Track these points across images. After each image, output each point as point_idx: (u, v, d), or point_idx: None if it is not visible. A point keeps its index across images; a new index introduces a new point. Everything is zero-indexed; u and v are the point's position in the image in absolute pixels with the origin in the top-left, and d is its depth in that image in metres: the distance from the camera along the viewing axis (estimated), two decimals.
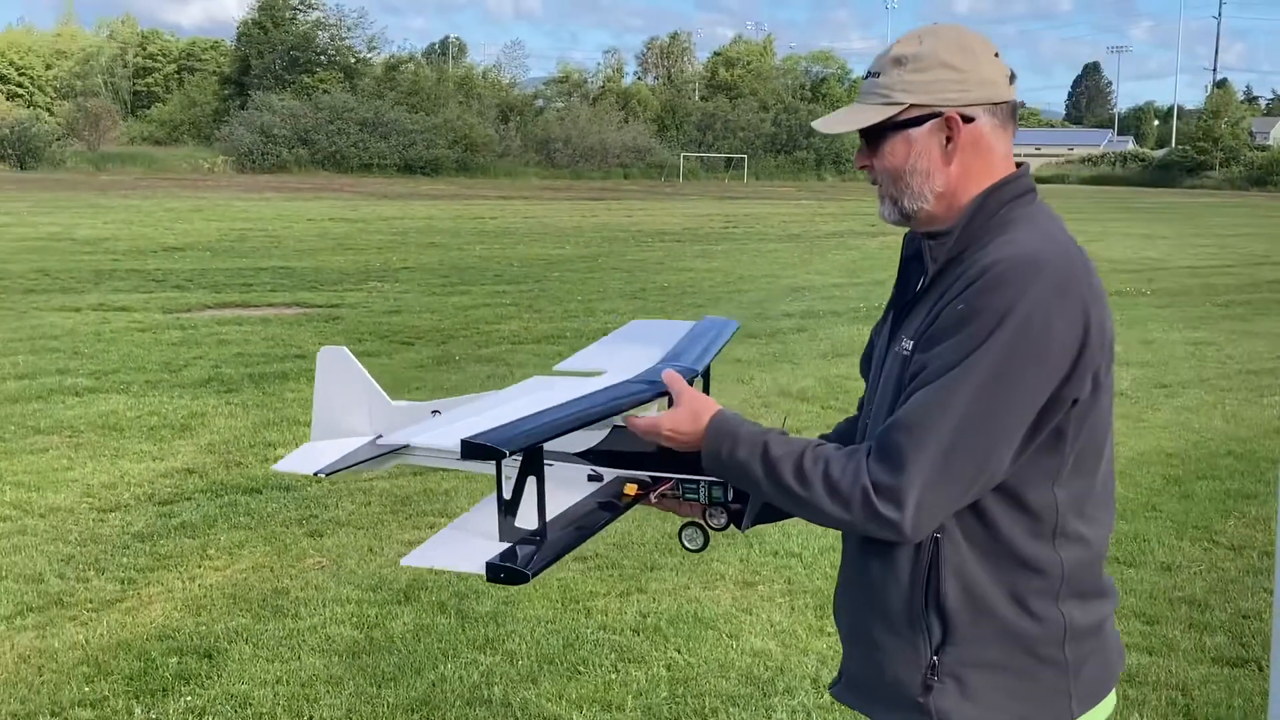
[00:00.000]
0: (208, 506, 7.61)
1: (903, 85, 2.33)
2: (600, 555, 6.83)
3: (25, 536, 7.00)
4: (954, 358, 2.18)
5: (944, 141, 2.34)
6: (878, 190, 2.43)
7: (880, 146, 2.38)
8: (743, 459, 2.34)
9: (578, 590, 6.33)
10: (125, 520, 7.35)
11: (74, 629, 5.74)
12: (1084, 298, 2.22)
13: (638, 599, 6.22)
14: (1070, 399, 2.21)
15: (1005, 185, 2.36)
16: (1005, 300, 2.16)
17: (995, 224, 2.32)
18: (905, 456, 2.17)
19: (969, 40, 2.37)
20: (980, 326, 2.16)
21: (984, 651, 2.30)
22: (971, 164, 2.35)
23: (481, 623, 5.89)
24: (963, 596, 2.28)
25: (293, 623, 5.86)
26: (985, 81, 2.35)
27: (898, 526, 2.18)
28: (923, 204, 2.37)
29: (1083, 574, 2.34)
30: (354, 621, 5.88)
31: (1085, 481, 2.32)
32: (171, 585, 6.32)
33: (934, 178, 2.35)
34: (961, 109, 2.33)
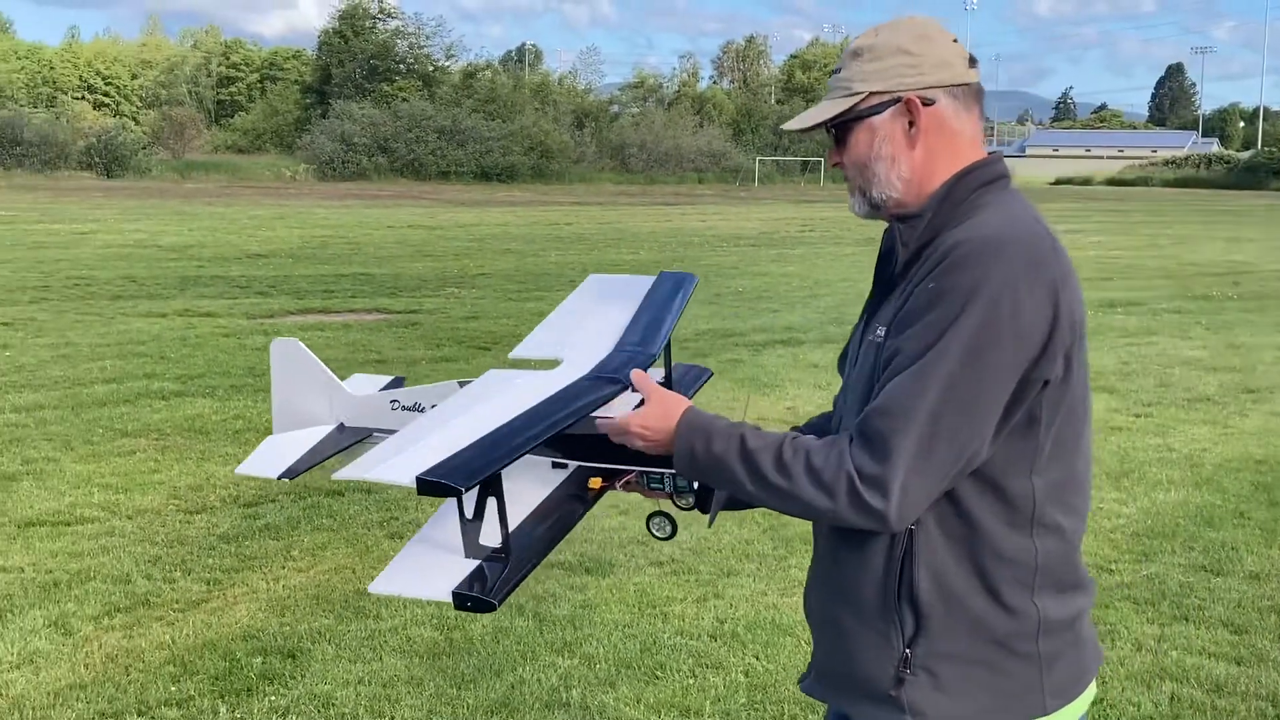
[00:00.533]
0: (291, 509, 7.71)
1: (861, 75, 2.37)
2: (676, 560, 6.83)
3: (113, 538, 7.13)
4: (927, 340, 2.17)
5: (907, 126, 2.36)
6: (848, 185, 2.46)
7: (846, 139, 2.41)
8: (719, 453, 2.32)
9: (655, 595, 6.34)
10: (211, 522, 7.46)
11: (160, 629, 5.84)
12: (1053, 278, 2.20)
13: (715, 604, 6.21)
14: (1042, 379, 2.20)
15: (975, 170, 2.37)
16: (972, 279, 2.16)
17: (965, 208, 2.32)
18: (889, 443, 2.15)
19: (925, 28, 2.39)
20: (949, 307, 2.16)
21: (956, 644, 2.28)
22: (936, 148, 2.37)
23: (559, 626, 5.92)
24: (935, 588, 2.26)
25: (374, 624, 5.92)
26: (941, 63, 2.36)
27: (883, 515, 2.16)
28: (890, 192, 2.39)
29: (1058, 565, 2.32)
30: (434, 623, 5.93)
31: (1063, 468, 2.30)
32: (256, 586, 6.41)
33: (899, 163, 2.37)
34: (919, 92, 2.35)
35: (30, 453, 8.94)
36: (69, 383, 11.52)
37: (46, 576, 6.47)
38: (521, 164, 76.42)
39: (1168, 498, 8.29)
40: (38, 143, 67.26)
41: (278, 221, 35.54)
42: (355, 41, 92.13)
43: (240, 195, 52.30)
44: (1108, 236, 35.94)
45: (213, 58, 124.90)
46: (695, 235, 34.00)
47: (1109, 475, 8.81)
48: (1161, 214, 50.98)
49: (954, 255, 2.20)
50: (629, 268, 23.94)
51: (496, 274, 22.49)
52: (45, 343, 13.73)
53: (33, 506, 7.69)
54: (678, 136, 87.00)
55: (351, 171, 72.50)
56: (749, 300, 18.95)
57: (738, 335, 15.18)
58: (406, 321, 16.30)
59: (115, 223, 33.51)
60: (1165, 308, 18.78)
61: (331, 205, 45.98)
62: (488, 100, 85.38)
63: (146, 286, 19.30)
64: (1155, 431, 10.28)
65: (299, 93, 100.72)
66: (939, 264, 2.22)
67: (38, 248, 25.38)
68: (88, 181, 62.73)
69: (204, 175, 70.75)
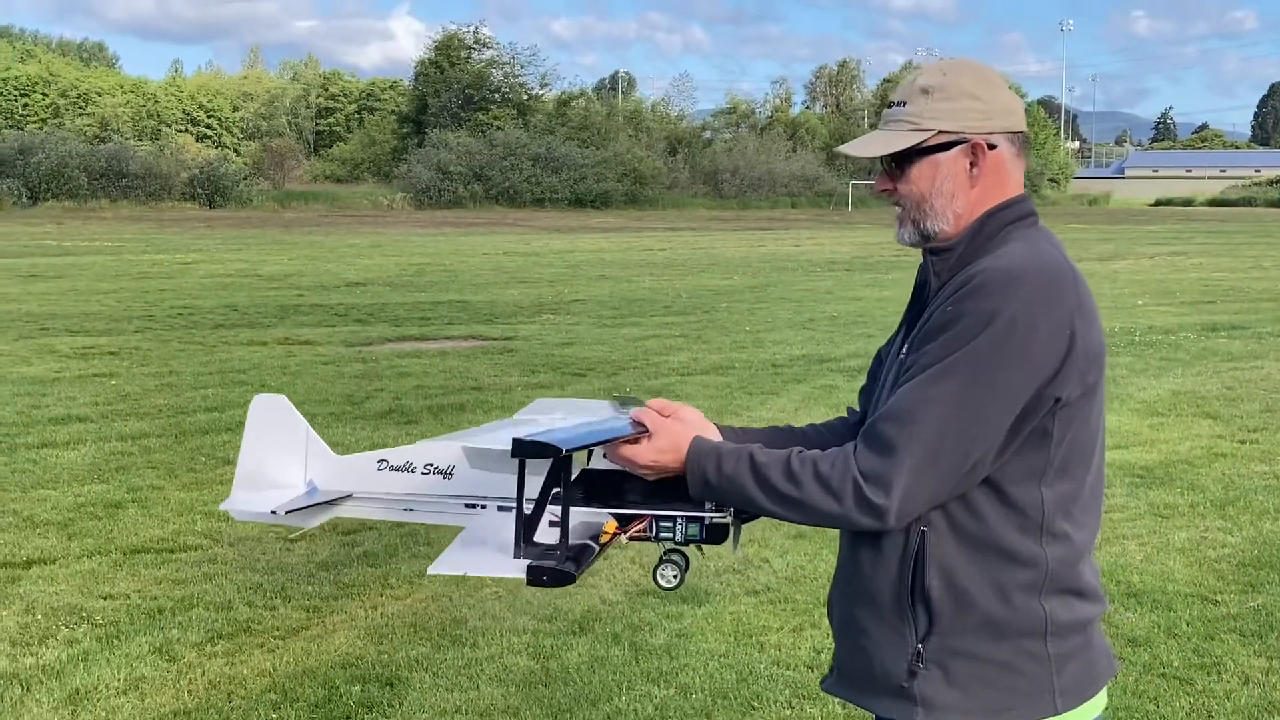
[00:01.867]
0: (389, 536, 7.79)
1: (931, 113, 2.47)
2: (772, 589, 6.80)
3: (215, 565, 7.26)
4: (940, 354, 2.31)
5: (969, 166, 2.49)
6: (898, 213, 2.57)
7: (907, 171, 2.51)
8: (730, 472, 2.44)
9: (750, 624, 6.31)
10: (310, 549, 7.56)
11: (261, 656, 5.92)
12: (1069, 307, 2.34)
13: (811, 634, 6.17)
14: (1053, 398, 2.32)
15: (1006, 208, 2.50)
16: (990, 305, 2.30)
17: (994, 243, 2.45)
18: (893, 444, 2.29)
19: (987, 73, 2.54)
20: (966, 327, 2.30)
21: (967, 641, 2.39)
22: (990, 189, 2.50)
23: (655, 655, 5.91)
24: (946, 587, 2.38)
25: (471, 652, 5.95)
26: (1006, 111, 2.51)
27: (883, 511, 2.30)
28: (943, 225, 2.50)
29: (1066, 572, 2.43)
30: (530, 652, 5.95)
31: (1073, 484, 2.42)
32: (354, 614, 6.48)
33: (957, 200, 2.49)
34: (985, 135, 2.48)
35: (135, 480, 9.12)
36: (172, 411, 11.75)
37: (151, 603, 6.59)
38: (615, 190, 76.82)
39: (1275, 527, 8.09)
40: (142, 175, 68.83)
41: (375, 250, 36.04)
42: (451, 71, 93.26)
43: (338, 224, 53.11)
44: (1210, 258, 35.29)
45: (312, 89, 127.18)
46: (788, 260, 33.92)
47: (1213, 503, 8.62)
48: (1267, 235, 49.96)
49: (975, 282, 2.35)
50: (722, 292, 23.94)
51: (591, 300, 22.60)
52: (150, 371, 14.03)
53: (138, 534, 7.85)
54: (770, 161, 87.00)
55: (447, 199, 73.32)
56: (843, 325, 18.86)
57: (832, 360, 15.10)
58: (502, 348, 16.42)
59: (217, 252, 34.20)
60: (1270, 331, 18.37)
61: (428, 233, 46.53)
62: (581, 127, 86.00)
63: (248, 315, 19.66)
64: (1261, 458, 10.05)
65: (396, 122, 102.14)
66: (960, 288, 2.37)
67: (143, 278, 25.97)
68: (191, 212, 64.10)
69: (303, 205, 71.96)
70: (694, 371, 14.44)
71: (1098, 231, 52.85)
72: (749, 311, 20.89)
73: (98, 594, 6.73)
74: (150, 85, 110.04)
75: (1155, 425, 11.36)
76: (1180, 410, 12.10)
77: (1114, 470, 9.42)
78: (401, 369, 14.47)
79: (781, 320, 19.62)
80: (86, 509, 8.36)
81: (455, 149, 76.38)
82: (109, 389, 12.85)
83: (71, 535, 7.80)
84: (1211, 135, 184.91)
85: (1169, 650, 5.96)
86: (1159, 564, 7.29)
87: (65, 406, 11.87)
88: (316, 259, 32.05)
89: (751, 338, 17.44)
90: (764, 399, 12.49)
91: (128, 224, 50.71)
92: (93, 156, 68.68)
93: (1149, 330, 18.19)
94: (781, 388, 13.21)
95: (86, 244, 37.07)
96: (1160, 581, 6.96)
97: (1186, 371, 14.46)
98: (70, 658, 5.85)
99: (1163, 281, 27.30)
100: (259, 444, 3.06)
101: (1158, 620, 6.35)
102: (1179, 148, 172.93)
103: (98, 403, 12.07)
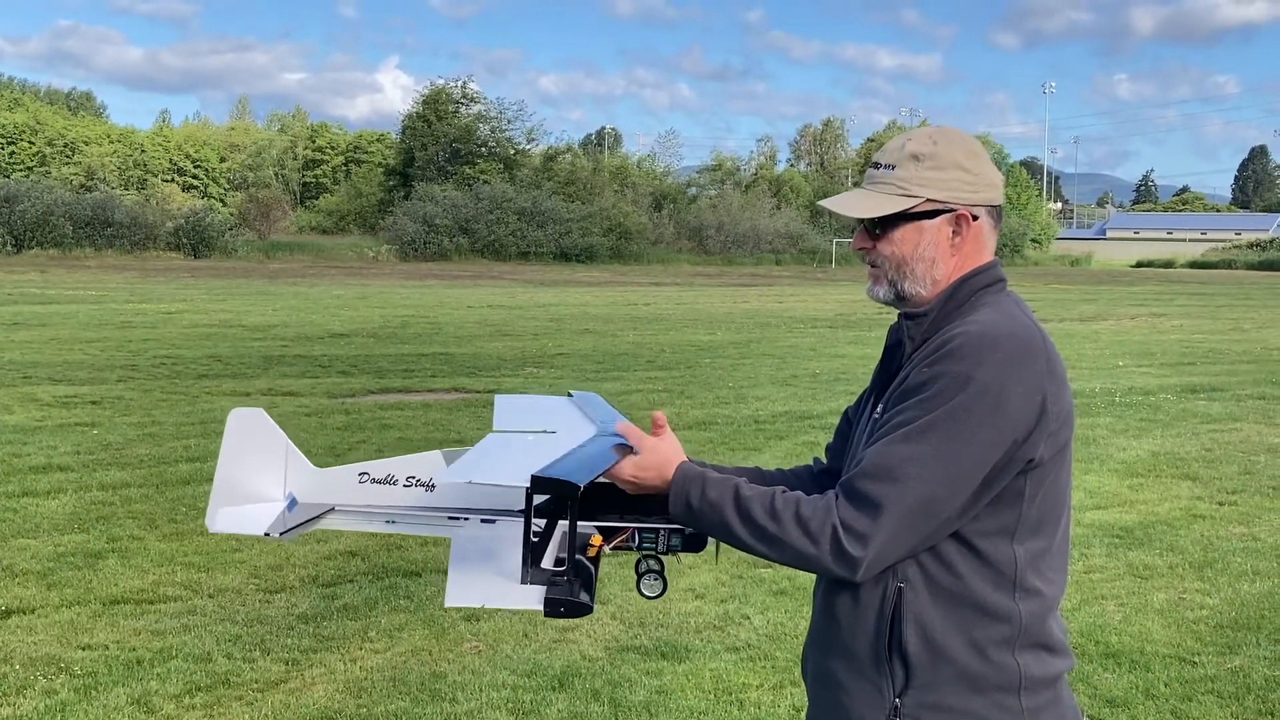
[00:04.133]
0: (369, 589, 7.78)
1: (920, 180, 2.55)
2: (752, 646, 6.81)
3: (195, 616, 7.24)
4: (918, 414, 2.38)
5: (950, 235, 2.57)
6: (873, 271, 2.64)
7: (890, 233, 2.58)
8: (714, 499, 2.50)
9: (731, 681, 6.31)
10: (290, 601, 7.55)
11: (240, 709, 5.90)
12: (1040, 371, 2.41)
13: (791, 692, 6.17)
14: (1026, 459, 2.39)
15: (977, 274, 2.58)
16: (965, 368, 2.37)
17: (966, 308, 2.54)
18: (875, 501, 2.35)
19: (975, 145, 2.62)
20: (943, 389, 2.38)
21: (944, 696, 2.43)
22: (969, 257, 2.59)
23: (635, 712, 5.91)
24: (922, 642, 2.43)
25: (450, 706, 5.94)
26: (991, 184, 2.61)
27: (856, 563, 2.36)
28: (921, 290, 2.58)
29: (1038, 627, 2.48)
30: (509, 707, 5.94)
31: (1044, 542, 2.49)
32: (334, 667, 6.46)
33: (937, 266, 2.57)
34: (970, 207, 2.57)
35: (116, 530, 9.10)
36: (154, 461, 11.73)
37: (130, 654, 6.57)
38: (600, 245, 77.05)
39: (1253, 589, 8.13)
40: (128, 224, 68.80)
41: (360, 301, 36.08)
42: (438, 125, 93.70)
43: (324, 275, 53.16)
44: (1190, 320, 35.53)
45: (299, 141, 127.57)
46: (772, 316, 34.05)
47: (1191, 564, 8.66)
48: (1247, 297, 50.33)
49: (950, 346, 2.42)
50: (706, 347, 24.02)
51: (575, 354, 22.64)
52: (132, 421, 14.00)
53: (118, 584, 7.83)
54: (755, 218, 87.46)
55: (433, 252, 73.45)
56: (825, 382, 18.92)
57: (814, 417, 15.14)
58: (485, 401, 16.42)
59: (202, 302, 34.18)
60: (1249, 393, 18.49)
61: (413, 285, 46.60)
62: (567, 182, 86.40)
63: (231, 365, 19.64)
64: (1240, 520, 10.11)
65: (382, 175, 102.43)
66: (936, 351, 2.44)
67: (126, 327, 25.94)
68: (176, 262, 64.08)
69: (288, 256, 71.98)
70: (677, 426, 14.43)
71: (1079, 292, 53.17)
72: (732, 367, 20.95)
73: (76, 644, 6.71)
74: (137, 135, 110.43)
75: (1134, 486, 11.42)
76: (1159, 471, 12.16)
77: (1093, 530, 9.46)
78: (384, 421, 14.47)
79: (764, 376, 19.68)
80: (66, 559, 8.33)
81: (441, 202, 76.60)
82: (90, 438, 12.82)
83: (51, 585, 7.77)
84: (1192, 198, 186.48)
85: (1146, 712, 5.98)
86: (1137, 625, 7.32)
87: (46, 455, 11.84)
88: (301, 310, 32.06)
89: (734, 393, 17.48)
90: (746, 455, 12.52)
91: (112, 273, 50.69)
92: (78, 205, 68.66)
93: (1129, 391, 18.29)
94: (764, 444, 13.24)
95: (70, 292, 37.04)
96: (1139, 642, 6.99)
97: (1166, 433, 14.54)
98: (48, 708, 5.83)
99: (1143, 343, 27.47)
100: (237, 457, 3.01)
101: (1136, 681, 6.38)
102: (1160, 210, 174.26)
103: (79, 452, 12.05)
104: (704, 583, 7.92)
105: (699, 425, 14.51)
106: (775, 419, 15.03)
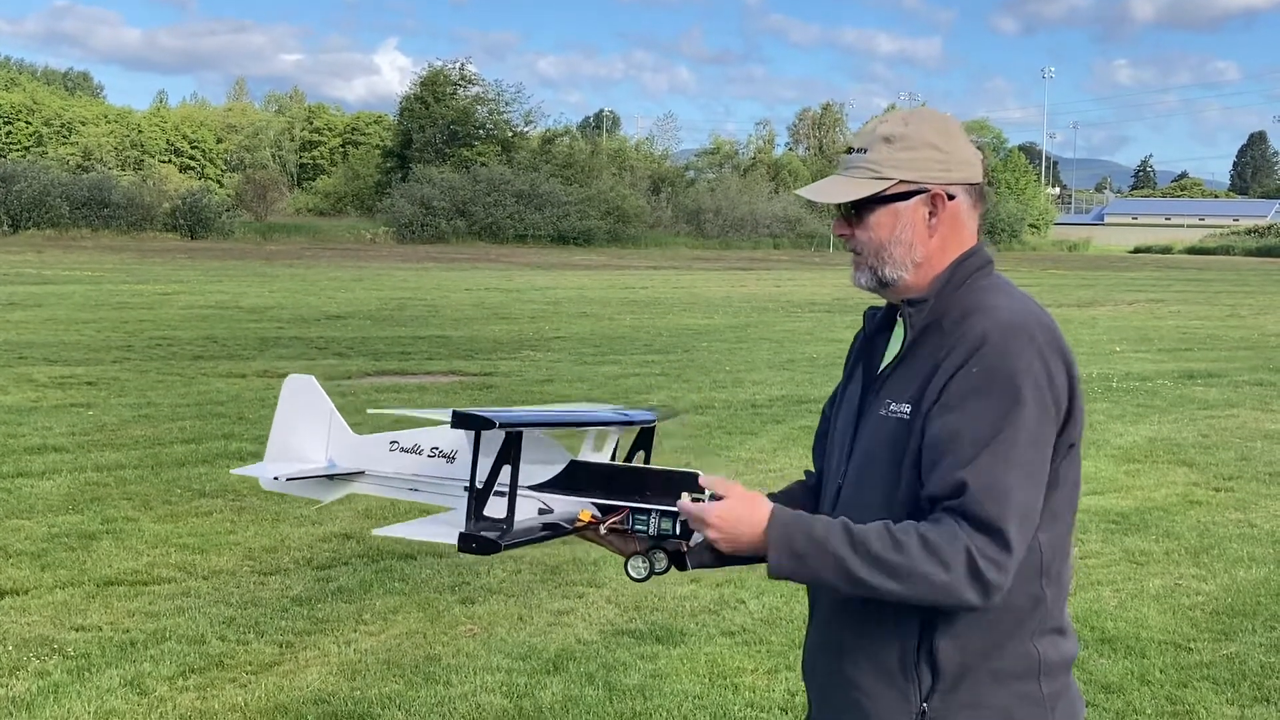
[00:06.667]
0: (364, 571, 7.77)
1: (892, 162, 2.51)
2: (748, 630, 6.80)
3: (189, 598, 7.22)
4: (993, 422, 2.32)
5: (927, 216, 2.53)
6: (855, 259, 2.59)
7: (866, 218, 2.54)
8: (821, 537, 2.36)
9: (725, 665, 6.31)
10: (285, 584, 7.53)
11: (233, 691, 5.89)
12: (1064, 349, 2.42)
13: (786, 676, 6.17)
14: (1067, 444, 2.42)
15: (970, 258, 2.55)
16: (1013, 363, 2.34)
17: (965, 292, 2.50)
18: (997, 526, 2.28)
19: (949, 123, 2.58)
20: (1004, 392, 2.33)
21: (971, 693, 2.40)
22: (948, 238, 2.54)
23: (629, 696, 5.90)
24: (955, 646, 2.40)
25: (444, 690, 5.93)
26: (965, 162, 2.56)
27: (992, 590, 2.29)
28: (902, 273, 2.54)
29: (1057, 613, 2.50)
30: (504, 690, 5.94)
31: (1064, 526, 2.49)
32: (327, 650, 6.45)
33: (915, 249, 2.53)
34: (944, 186, 2.52)
35: (110, 512, 9.08)
36: (149, 442, 11.71)
37: (124, 636, 6.56)
38: (598, 228, 76.94)
39: (1249, 575, 8.13)
40: (125, 205, 68.68)
41: (356, 283, 36.02)
42: (436, 107, 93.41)
43: (320, 257, 53.07)
44: (1188, 306, 35.52)
45: (296, 122, 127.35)
46: (769, 300, 34.02)
47: (1188, 550, 8.66)
48: (1244, 283, 50.29)
49: (993, 341, 2.37)
50: (703, 331, 23.99)
51: (572, 337, 22.61)
52: (127, 402, 13.98)
53: (111, 565, 7.81)
54: (753, 202, 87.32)
55: (430, 234, 73.34)
56: (822, 366, 18.90)
57: (811, 401, 15.13)
58: (482, 384, 16.42)
59: (198, 283, 34.12)
60: (1246, 380, 18.48)
61: (410, 267, 46.54)
62: (565, 165, 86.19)
63: (227, 347, 19.61)
64: (1236, 506, 10.11)
65: (380, 157, 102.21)
66: (976, 349, 2.38)
67: (122, 308, 25.89)
68: (172, 243, 63.98)
69: (285, 237, 71.85)
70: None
71: (1077, 277, 53.13)
72: (729, 351, 20.93)
73: (70, 625, 6.70)
74: (134, 115, 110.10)
75: (1131, 472, 11.41)
76: (1156, 457, 12.16)
77: (1089, 516, 9.45)
78: (380, 403, 14.43)
79: (761, 360, 19.67)
80: (60, 540, 8.32)
81: (439, 184, 76.42)
82: (86, 419, 12.80)
83: (45, 566, 7.75)
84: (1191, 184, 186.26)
85: (1142, 697, 5.98)
86: (1133, 610, 7.31)
87: (41, 436, 11.82)
88: (297, 292, 32.01)
89: (731, 377, 17.47)
90: (743, 439, 12.51)
91: (109, 254, 50.60)
92: (75, 186, 68.51)
93: (1126, 377, 18.28)
94: (760, 428, 13.23)
95: (66, 273, 36.97)
96: (1134, 628, 6.98)
97: (1163, 419, 14.54)
98: (41, 689, 5.82)
99: (1141, 329, 27.46)
100: (289, 420, 3.23)
101: (1131, 667, 6.37)
102: (1158, 195, 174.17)
103: (74, 433, 12.02)
104: None
105: (695, 409, 14.48)
106: (772, 403, 15.02)
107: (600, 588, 7.50)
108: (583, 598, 7.34)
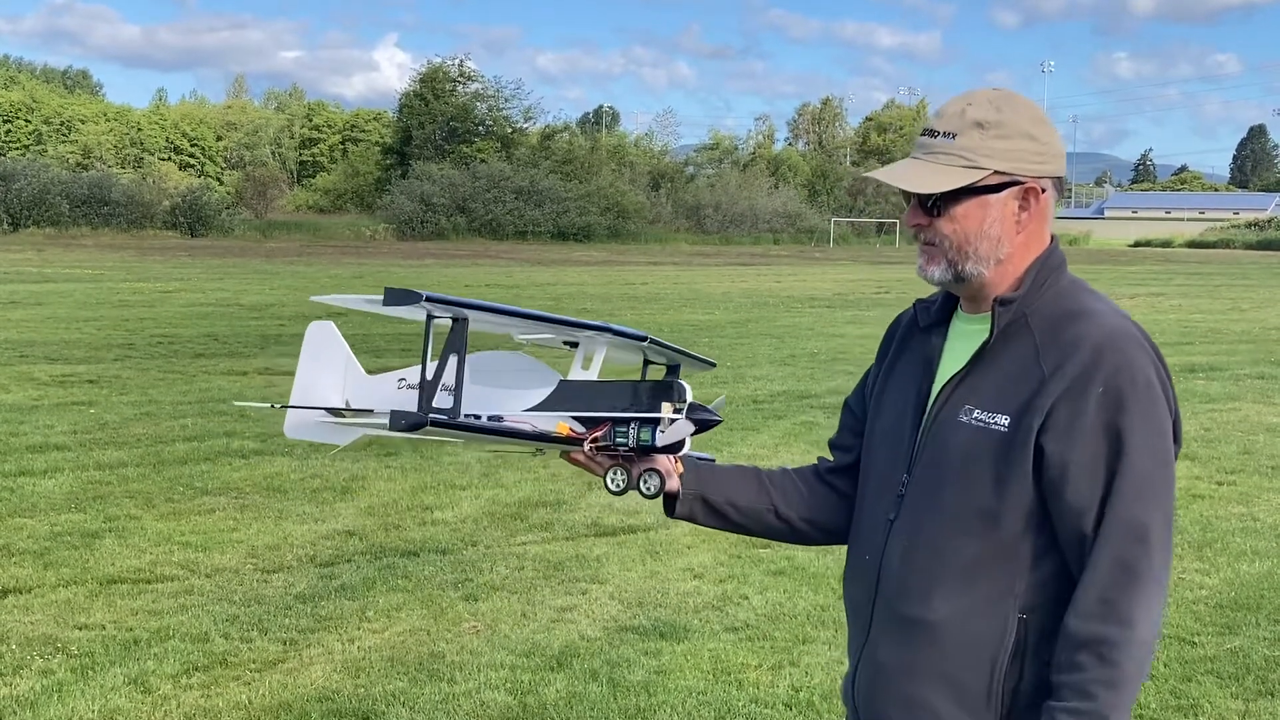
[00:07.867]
0: (367, 569, 7.76)
1: (986, 150, 2.32)
2: (751, 626, 6.80)
3: (192, 596, 7.22)
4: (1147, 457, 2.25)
5: (1017, 209, 2.36)
6: (927, 249, 2.39)
7: (951, 209, 2.34)
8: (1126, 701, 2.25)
9: (729, 661, 6.30)
10: (288, 581, 7.53)
11: (237, 689, 5.89)
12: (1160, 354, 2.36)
13: (790, 672, 6.16)
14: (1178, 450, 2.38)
15: (1051, 256, 2.42)
16: (1138, 376, 2.26)
17: (1050, 293, 2.38)
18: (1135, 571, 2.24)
19: (1039, 112, 2.40)
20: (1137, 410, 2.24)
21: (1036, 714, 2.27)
22: (1033, 234, 2.39)
23: (633, 692, 5.89)
24: (1037, 671, 2.30)
25: (448, 687, 5.93)
26: (1058, 155, 2.40)
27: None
28: (984, 269, 2.37)
29: None
30: (508, 687, 5.93)
31: None
32: (331, 647, 6.45)
33: (1003, 244, 2.36)
34: (1039, 180, 2.36)
35: (113, 510, 9.08)
36: (151, 440, 11.71)
37: (127, 634, 6.55)
38: (598, 224, 77.01)
39: (1252, 569, 8.12)
40: (125, 203, 68.76)
41: (357, 280, 36.02)
42: (435, 104, 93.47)
43: (321, 254, 53.08)
44: (1189, 300, 35.50)
45: (296, 120, 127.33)
46: (770, 296, 34.01)
47: (1190, 545, 8.65)
48: (1245, 277, 50.25)
49: (1110, 354, 2.27)
50: (704, 327, 23.99)
51: None
52: (129, 400, 13.98)
53: (114, 564, 7.81)
54: (753, 198, 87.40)
55: (430, 231, 73.39)
56: (823, 362, 18.89)
57: (812, 397, 15.13)
58: None
59: (199, 281, 34.13)
60: (1248, 373, 18.46)
61: (410, 264, 46.55)
62: (565, 161, 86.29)
63: (228, 344, 19.61)
64: (1239, 500, 10.10)
65: (379, 154, 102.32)
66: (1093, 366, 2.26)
67: (123, 306, 25.89)
68: (172, 241, 64.00)
69: (285, 235, 71.89)
70: None
71: (1078, 271, 51.86)
72: (730, 347, 20.92)
73: (73, 624, 6.69)
74: (134, 113, 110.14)
75: None
76: None
77: None
78: None
79: (762, 356, 19.66)
80: (63, 538, 8.31)
81: (439, 181, 76.50)
82: (87, 417, 12.80)
83: (48, 565, 7.75)
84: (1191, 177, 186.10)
85: (1146, 692, 5.97)
86: None
87: (43, 435, 11.81)
88: (298, 289, 31.99)
89: (732, 373, 17.45)
90: (744, 434, 12.50)
91: (109, 252, 50.61)
92: (75, 184, 68.62)
93: None
94: (762, 424, 13.22)
95: (67, 271, 36.98)
96: None
97: None
98: (45, 688, 5.81)
99: (1141, 322, 27.24)
100: (310, 365, 3.29)
101: None
102: (1158, 189, 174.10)
103: (76, 431, 12.02)
104: (702, 562, 7.91)
105: None
106: (773, 398, 15.01)
107: (604, 584, 7.50)
108: (586, 594, 7.33)
